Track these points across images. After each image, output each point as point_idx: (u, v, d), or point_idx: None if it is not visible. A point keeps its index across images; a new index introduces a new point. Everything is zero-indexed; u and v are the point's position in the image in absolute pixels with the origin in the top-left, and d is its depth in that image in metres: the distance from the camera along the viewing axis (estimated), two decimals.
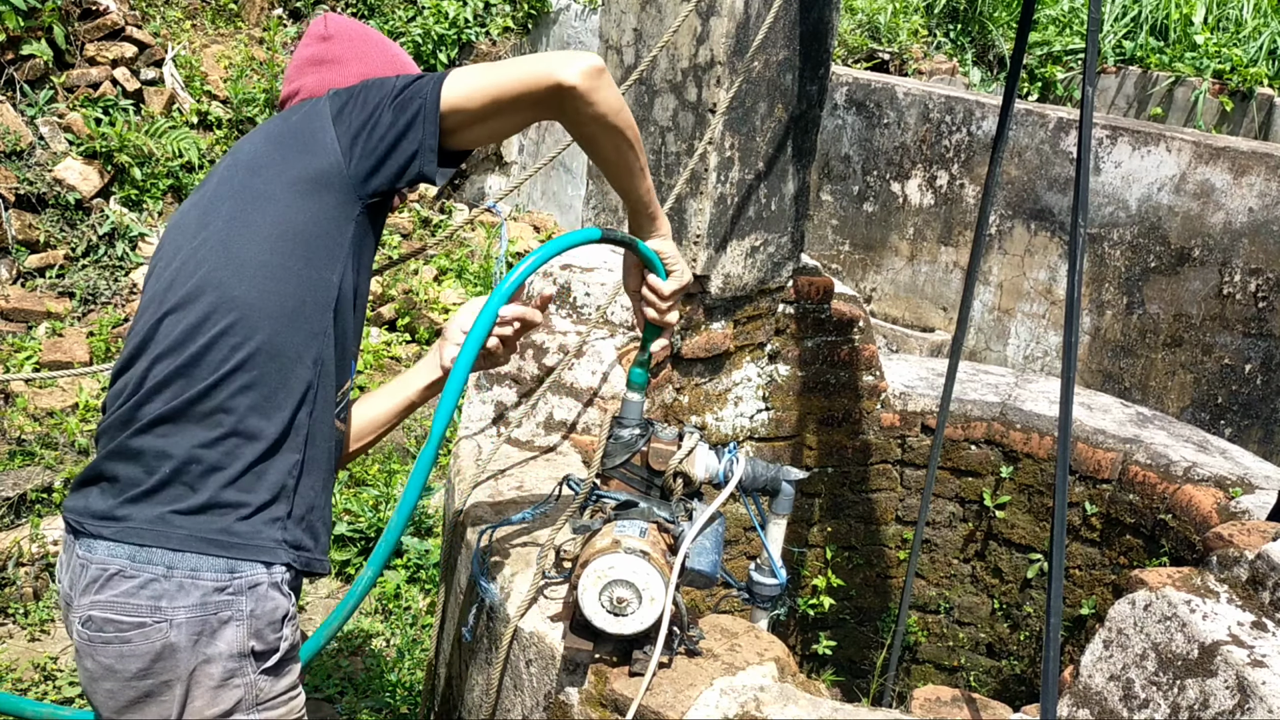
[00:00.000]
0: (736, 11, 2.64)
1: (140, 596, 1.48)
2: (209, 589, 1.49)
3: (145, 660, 1.50)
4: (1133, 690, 1.78)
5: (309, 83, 1.79)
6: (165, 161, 5.40)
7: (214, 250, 1.56)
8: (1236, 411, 4.56)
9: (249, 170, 1.62)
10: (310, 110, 1.64)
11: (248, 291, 1.53)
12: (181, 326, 1.53)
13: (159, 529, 1.49)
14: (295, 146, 1.60)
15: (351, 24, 1.85)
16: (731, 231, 2.94)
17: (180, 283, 1.56)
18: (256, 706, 1.57)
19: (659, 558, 1.65)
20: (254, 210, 1.58)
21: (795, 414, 3.36)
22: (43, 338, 4.69)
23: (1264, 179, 4.30)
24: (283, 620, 1.58)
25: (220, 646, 1.51)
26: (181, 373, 1.52)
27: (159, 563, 1.49)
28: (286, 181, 1.58)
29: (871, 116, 5.26)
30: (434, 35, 6.34)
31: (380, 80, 1.62)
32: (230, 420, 1.52)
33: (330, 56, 1.80)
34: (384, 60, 1.81)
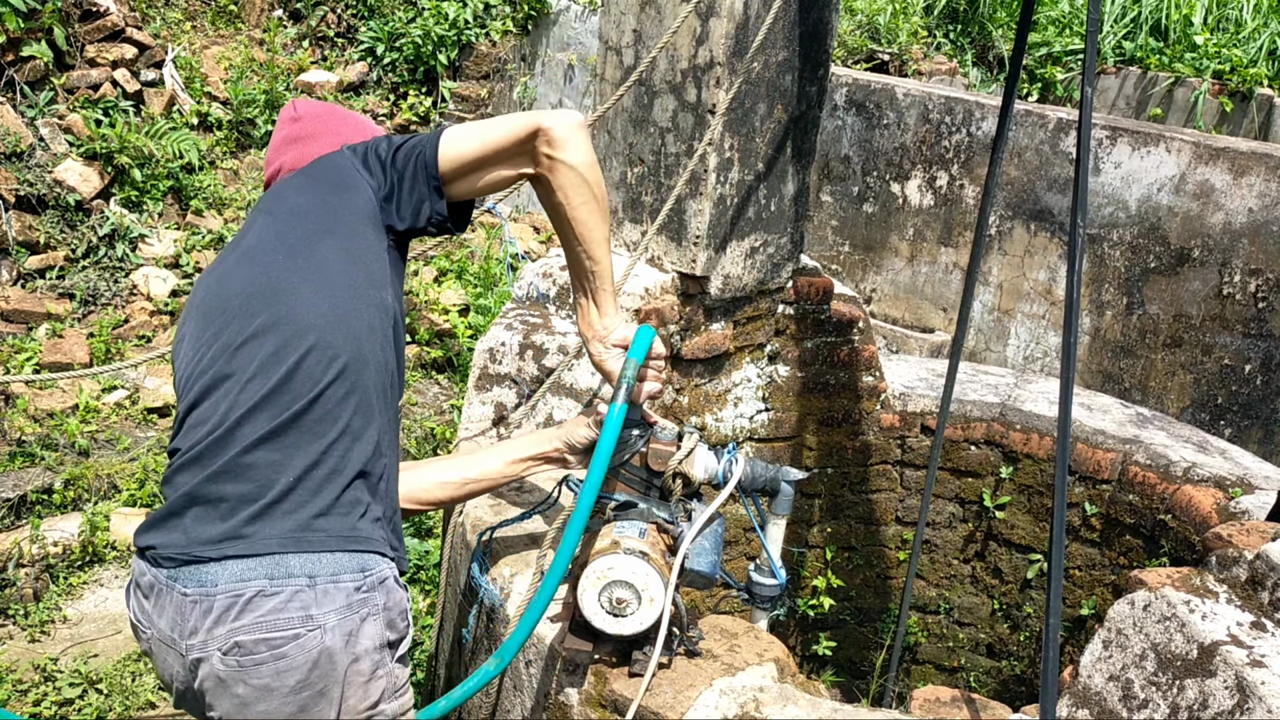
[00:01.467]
0: (736, 12, 2.64)
1: (289, 610, 1.49)
2: (350, 589, 1.53)
3: (303, 671, 1.50)
4: (1132, 690, 1.78)
5: (288, 159, 1.92)
6: (165, 163, 5.40)
7: (277, 284, 1.64)
8: (1236, 412, 4.56)
9: (292, 216, 1.73)
10: (330, 162, 1.79)
11: (324, 312, 1.62)
12: (263, 353, 1.59)
13: (297, 535, 1.52)
14: (332, 189, 1.74)
15: (317, 104, 2.01)
16: (731, 232, 2.94)
17: (246, 320, 1.62)
18: (395, 694, 1.62)
19: (658, 558, 1.65)
20: (312, 244, 1.68)
21: (795, 415, 3.36)
22: (43, 339, 4.69)
23: (1264, 179, 4.30)
24: (405, 612, 1.64)
25: (365, 643, 1.55)
26: (280, 390, 1.56)
27: (299, 573, 1.50)
28: (338, 216, 1.71)
29: (871, 117, 5.26)
30: (434, 36, 6.34)
31: (387, 137, 1.80)
32: (339, 425, 1.58)
33: (304, 134, 1.93)
34: (352, 129, 1.95)
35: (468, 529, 2.14)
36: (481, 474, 1.93)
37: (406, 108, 6.42)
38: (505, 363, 2.68)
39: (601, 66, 3.01)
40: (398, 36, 6.43)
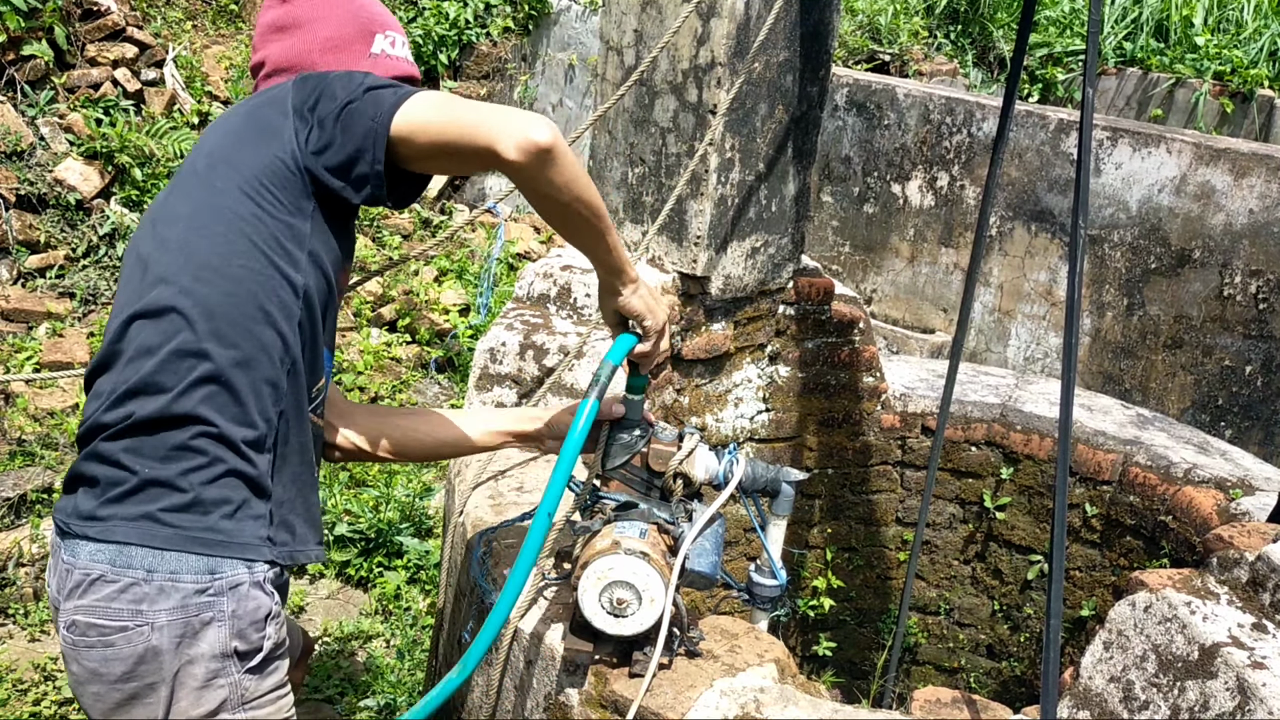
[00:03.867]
0: (737, 13, 2.64)
1: (121, 600, 1.48)
2: (189, 591, 1.49)
3: (129, 663, 1.50)
4: (1133, 692, 1.78)
5: (274, 52, 1.75)
6: (166, 162, 5.40)
7: (175, 254, 1.55)
8: (1237, 413, 4.56)
9: (208, 166, 1.61)
10: (272, 98, 1.62)
11: (209, 294, 1.52)
12: (147, 332, 1.53)
13: (143, 527, 1.49)
14: (253, 139, 1.58)
15: None
16: (732, 233, 2.94)
17: (146, 286, 1.56)
18: (242, 706, 1.57)
19: (659, 559, 1.65)
20: (210, 211, 1.56)
21: (795, 415, 3.36)
22: (43, 338, 4.69)
23: (1264, 181, 4.30)
24: (266, 619, 1.57)
25: (203, 648, 1.51)
26: (152, 379, 1.51)
27: (139, 566, 1.48)
28: (243, 178, 1.56)
29: (872, 118, 5.26)
30: (434, 36, 6.34)
31: (346, 76, 1.57)
32: (201, 424, 1.51)
33: (291, 20, 1.74)
34: (348, 18, 1.74)
35: (468, 529, 2.14)
36: (457, 439, 1.91)
37: None
38: (505, 363, 2.68)
39: (602, 66, 3.01)
40: None
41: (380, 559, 3.88)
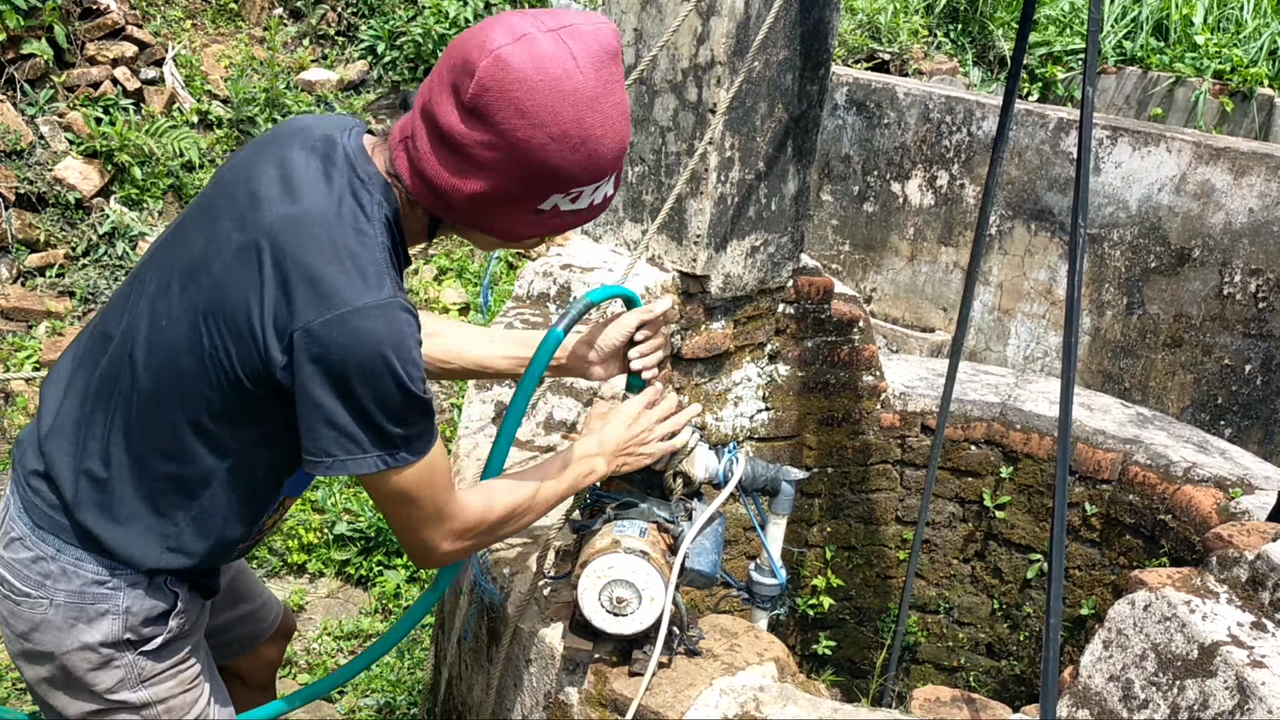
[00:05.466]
0: (737, 11, 2.64)
1: (31, 569, 1.51)
2: (89, 579, 1.51)
3: (26, 625, 1.53)
4: (1132, 691, 1.78)
5: (402, 162, 1.36)
6: (165, 161, 5.40)
7: (135, 331, 1.47)
8: (1236, 412, 4.56)
9: (197, 261, 1.40)
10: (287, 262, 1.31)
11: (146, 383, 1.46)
12: (98, 399, 1.49)
13: (55, 518, 1.51)
14: (230, 296, 1.34)
15: (536, 92, 1.24)
16: (732, 231, 2.94)
17: (111, 342, 1.50)
18: (141, 684, 1.58)
19: (659, 558, 1.65)
20: (167, 325, 1.42)
21: (795, 414, 3.36)
22: (43, 337, 4.69)
23: (1264, 179, 4.30)
24: (166, 615, 1.56)
25: (95, 636, 1.52)
26: (80, 426, 1.51)
27: (50, 544, 1.51)
28: (194, 320, 1.38)
29: (872, 116, 5.26)
30: (435, 35, 6.34)
31: (377, 397, 1.31)
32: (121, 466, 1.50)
33: (467, 138, 1.27)
34: (533, 168, 1.29)
35: None
36: (478, 359, 1.82)
37: None
38: None
39: None
40: (398, 35, 6.43)
41: (380, 558, 3.88)
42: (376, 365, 1.29)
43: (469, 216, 1.36)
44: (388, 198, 1.39)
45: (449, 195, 1.32)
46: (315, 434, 1.34)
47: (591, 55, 1.26)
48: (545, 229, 1.41)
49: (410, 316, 1.34)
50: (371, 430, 1.33)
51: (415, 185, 1.35)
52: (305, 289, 1.29)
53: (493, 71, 1.22)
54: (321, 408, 1.31)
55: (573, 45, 1.25)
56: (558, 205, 1.35)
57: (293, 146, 1.41)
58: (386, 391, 1.31)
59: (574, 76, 1.25)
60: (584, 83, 1.25)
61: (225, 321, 1.35)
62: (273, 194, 1.36)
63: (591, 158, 1.30)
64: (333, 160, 1.38)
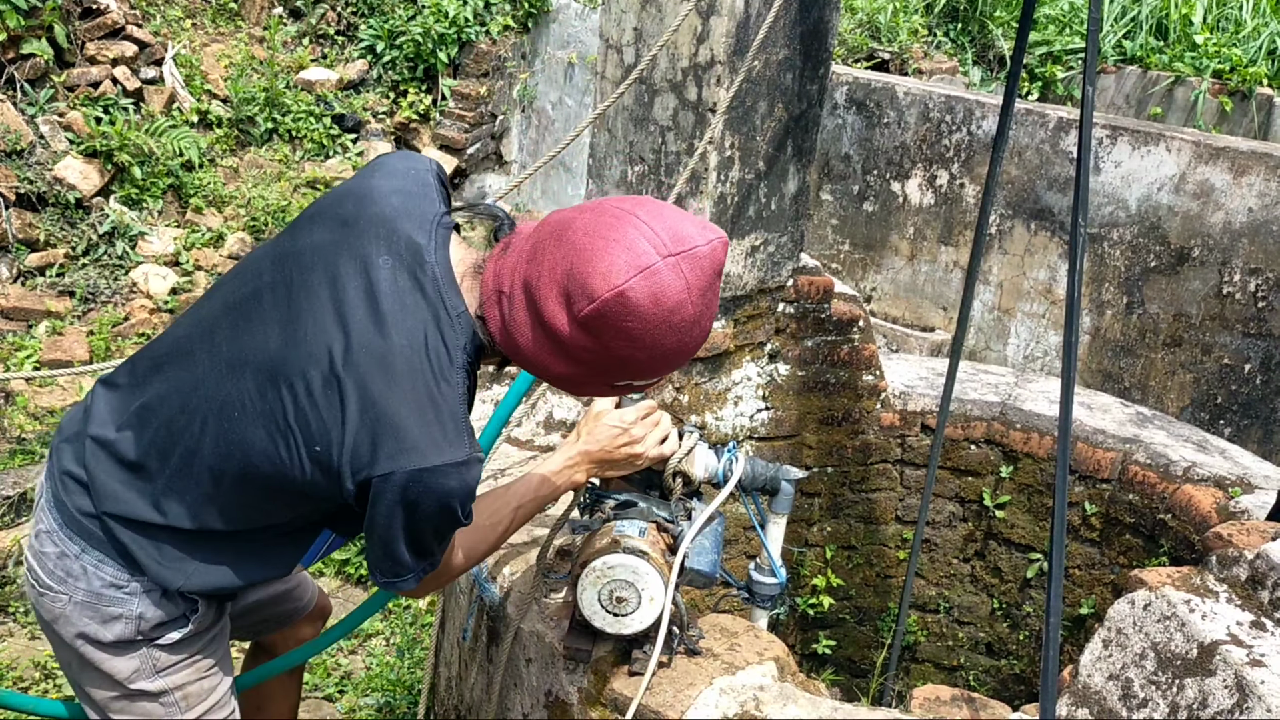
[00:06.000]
0: (737, 11, 2.64)
1: (57, 565, 1.55)
2: (107, 581, 1.54)
3: (47, 614, 1.59)
4: (1132, 689, 1.78)
5: (493, 316, 1.37)
6: (165, 160, 5.40)
7: (205, 402, 1.46)
8: (1236, 411, 4.56)
9: (277, 363, 1.40)
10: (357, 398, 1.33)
11: (198, 402, 1.48)
12: (152, 443, 1.50)
13: (84, 523, 1.53)
14: (312, 424, 1.37)
15: (648, 324, 1.27)
16: (731, 231, 2.94)
17: (173, 395, 1.50)
18: (158, 674, 1.62)
19: (658, 557, 1.65)
20: (240, 417, 1.43)
21: (795, 413, 3.36)
22: (43, 336, 4.69)
23: (1264, 179, 4.30)
24: (180, 619, 1.60)
25: (108, 635, 1.57)
26: (134, 466, 1.52)
27: (76, 543, 1.54)
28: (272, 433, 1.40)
29: (871, 116, 5.26)
30: (434, 34, 6.34)
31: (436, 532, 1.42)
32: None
33: (570, 341, 1.30)
34: (613, 378, 1.37)
35: None
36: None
37: (406, 105, 6.42)
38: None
39: (602, 64, 3.01)
40: (398, 34, 6.42)
41: None
42: (445, 513, 1.38)
43: (546, 379, 1.42)
44: (472, 339, 1.40)
45: (535, 367, 1.38)
46: (374, 557, 1.44)
47: (704, 282, 1.29)
48: (608, 395, 1.50)
49: (480, 467, 1.40)
50: (419, 553, 1.44)
51: (504, 342, 1.37)
52: (388, 438, 1.32)
53: (613, 305, 1.24)
54: (385, 541, 1.39)
55: (689, 275, 1.27)
56: (630, 384, 1.41)
57: (379, 248, 1.39)
58: (443, 526, 1.42)
59: (686, 308, 1.28)
60: (692, 311, 1.29)
61: (305, 445, 1.37)
62: (359, 319, 1.35)
63: (679, 361, 1.36)
64: (420, 283, 1.37)
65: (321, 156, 6.12)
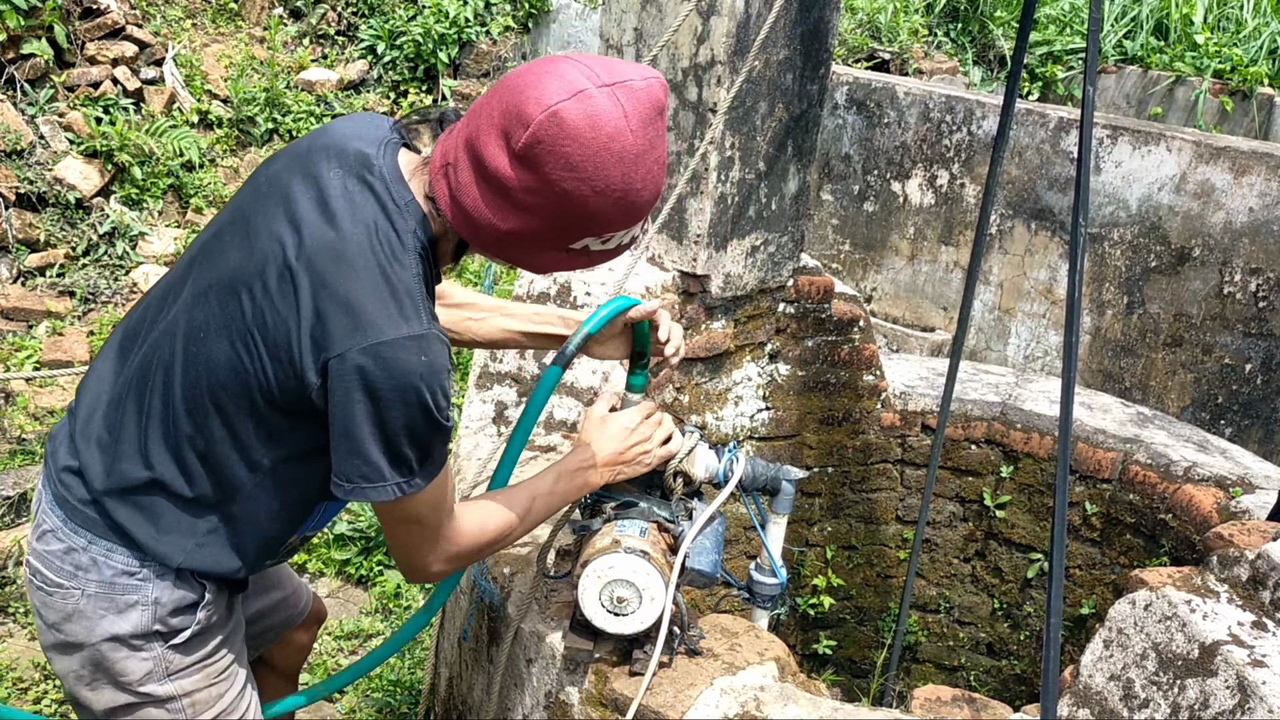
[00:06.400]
0: (737, 11, 2.64)
1: (64, 561, 1.54)
2: (119, 570, 1.53)
3: (59, 615, 1.56)
4: (1133, 690, 1.78)
5: (440, 189, 1.37)
6: (165, 160, 5.40)
7: (171, 338, 1.49)
8: (1237, 411, 4.56)
9: (236, 277, 1.42)
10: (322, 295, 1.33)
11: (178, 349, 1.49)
12: (130, 399, 1.52)
13: (86, 513, 1.53)
14: (269, 320, 1.37)
15: (587, 149, 1.27)
16: (732, 231, 2.94)
17: (145, 345, 1.53)
18: (168, 677, 1.61)
19: (659, 557, 1.65)
20: (204, 338, 1.44)
21: (795, 413, 3.36)
22: (43, 337, 4.69)
23: (1264, 179, 4.30)
24: (194, 606, 1.59)
25: (124, 626, 1.55)
26: (114, 427, 1.53)
27: (82, 536, 1.53)
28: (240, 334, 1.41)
29: (872, 116, 5.26)
30: (434, 34, 6.34)
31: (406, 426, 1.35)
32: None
33: (512, 181, 1.30)
34: (569, 212, 1.32)
35: None
36: (490, 334, 1.88)
37: (407, 106, 6.42)
38: (506, 361, 2.68)
39: None
40: (398, 34, 6.42)
41: (380, 557, 3.88)
42: (409, 396, 1.33)
43: (500, 248, 1.40)
44: (423, 224, 1.42)
45: (485, 229, 1.36)
46: (340, 458, 1.39)
47: (642, 113, 1.29)
48: (571, 265, 1.45)
49: (444, 347, 1.37)
50: (394, 458, 1.37)
51: (452, 214, 1.37)
52: (343, 317, 1.32)
53: (547, 127, 1.25)
54: (350, 434, 1.36)
55: (626, 103, 1.28)
56: (588, 245, 1.39)
57: (329, 164, 1.43)
58: (415, 421, 1.35)
59: (624, 135, 1.28)
60: (633, 141, 1.28)
61: (265, 343, 1.38)
62: (310, 218, 1.39)
63: (629, 208, 1.34)
64: (369, 183, 1.40)
65: None
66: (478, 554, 1.59)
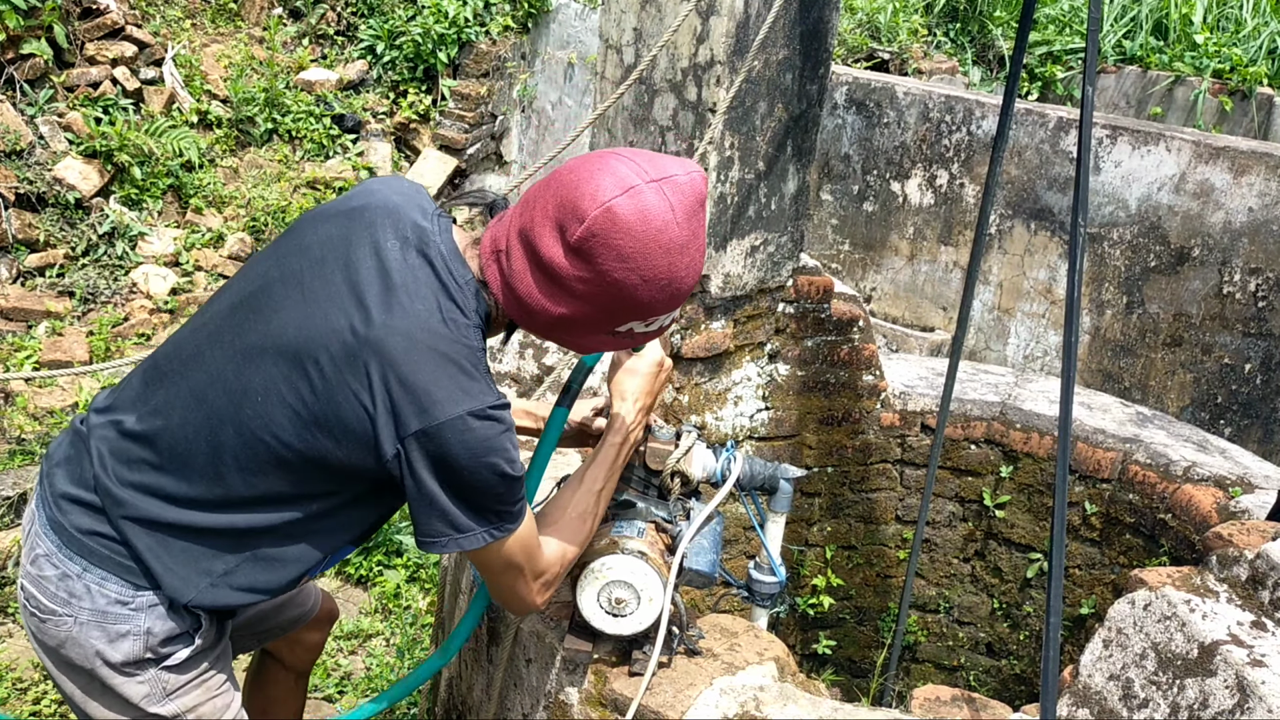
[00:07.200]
0: (736, 11, 2.64)
1: (58, 586, 1.54)
2: (112, 599, 1.53)
3: (54, 640, 1.57)
4: (1132, 690, 1.78)
5: (493, 274, 1.45)
6: (165, 161, 5.40)
7: (220, 393, 1.48)
8: (1236, 411, 4.56)
9: (298, 345, 1.43)
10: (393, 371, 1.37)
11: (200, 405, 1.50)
12: (163, 439, 1.51)
13: (84, 542, 1.52)
14: (340, 402, 1.40)
15: (638, 242, 1.35)
16: (731, 231, 2.94)
17: (184, 393, 1.51)
18: (167, 697, 1.61)
19: (657, 558, 1.65)
20: (263, 401, 1.45)
21: (795, 413, 3.36)
22: (42, 337, 4.69)
23: (1264, 178, 4.30)
24: (187, 635, 1.59)
25: (117, 656, 1.55)
26: (146, 468, 1.52)
27: (76, 563, 1.53)
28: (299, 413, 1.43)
29: (871, 116, 5.26)
30: (434, 34, 6.34)
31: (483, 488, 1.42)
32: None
33: (566, 271, 1.37)
34: (613, 315, 1.42)
35: None
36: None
37: (406, 106, 6.42)
38: (506, 361, 2.68)
39: (601, 65, 3.01)
40: (398, 34, 6.42)
41: (380, 558, 3.88)
42: (481, 465, 1.40)
43: (550, 331, 1.47)
44: (479, 303, 1.47)
45: (538, 314, 1.43)
46: (428, 521, 1.45)
47: (687, 206, 1.38)
48: (616, 346, 1.53)
49: (506, 412, 1.43)
50: (478, 513, 1.45)
51: (505, 298, 1.44)
52: (416, 396, 1.37)
53: (602, 222, 1.33)
54: (434, 501, 1.42)
55: (672, 198, 1.36)
56: (633, 329, 1.47)
57: (386, 233, 1.47)
58: (490, 483, 1.42)
59: (672, 228, 1.36)
60: (679, 233, 1.37)
61: (336, 419, 1.40)
62: (374, 297, 1.41)
63: (674, 294, 1.42)
64: (430, 260, 1.45)
65: (321, 157, 6.12)
66: (567, 569, 1.63)
